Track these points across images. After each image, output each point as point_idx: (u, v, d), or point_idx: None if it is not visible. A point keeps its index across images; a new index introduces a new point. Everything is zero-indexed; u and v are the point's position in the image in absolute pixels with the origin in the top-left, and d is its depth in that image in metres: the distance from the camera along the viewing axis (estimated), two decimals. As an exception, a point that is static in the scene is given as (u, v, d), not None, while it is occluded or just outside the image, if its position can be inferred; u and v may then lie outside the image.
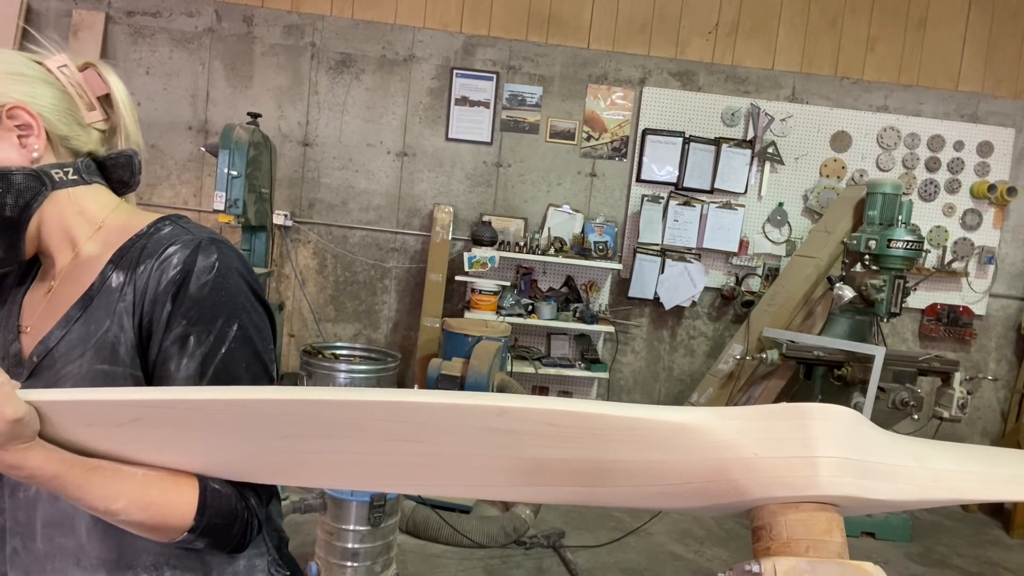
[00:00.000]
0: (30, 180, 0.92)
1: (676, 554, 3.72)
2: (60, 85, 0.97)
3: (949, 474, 0.76)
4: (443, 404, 0.76)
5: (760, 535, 0.74)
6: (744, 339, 4.67)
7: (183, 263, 0.90)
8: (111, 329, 0.90)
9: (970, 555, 4.09)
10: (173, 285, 0.89)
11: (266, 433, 0.82)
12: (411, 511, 3.54)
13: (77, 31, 4.59)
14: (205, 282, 0.90)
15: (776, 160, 5.04)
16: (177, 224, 0.97)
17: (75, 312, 0.93)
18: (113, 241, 0.96)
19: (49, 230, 0.96)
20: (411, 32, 4.91)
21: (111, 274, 0.93)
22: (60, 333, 0.92)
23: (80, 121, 0.98)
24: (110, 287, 0.92)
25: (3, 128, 0.91)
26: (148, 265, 0.91)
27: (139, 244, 0.94)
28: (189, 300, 0.89)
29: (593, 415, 0.74)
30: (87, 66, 1.01)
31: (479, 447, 0.77)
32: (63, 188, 0.95)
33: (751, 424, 0.73)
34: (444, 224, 4.75)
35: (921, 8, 5.08)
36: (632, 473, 0.75)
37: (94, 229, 0.97)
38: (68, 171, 0.96)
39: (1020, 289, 5.26)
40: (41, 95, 0.94)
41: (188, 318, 0.89)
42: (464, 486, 0.84)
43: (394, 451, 0.80)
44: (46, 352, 0.92)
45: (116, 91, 1.01)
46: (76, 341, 0.91)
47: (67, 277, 0.97)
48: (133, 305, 0.91)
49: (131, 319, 0.90)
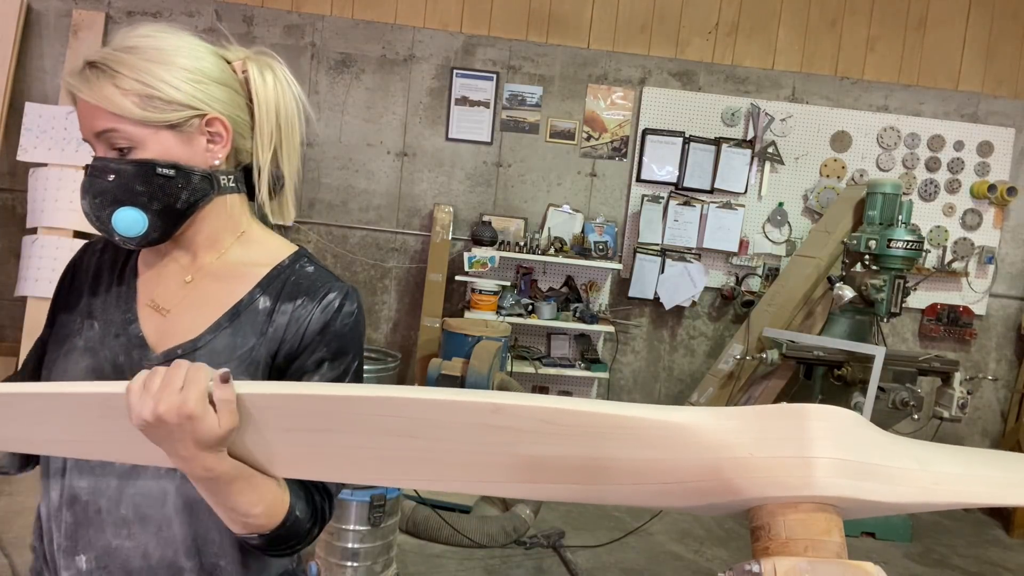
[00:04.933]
0: (205, 182, 1.01)
1: (676, 554, 3.72)
2: (244, 94, 1.04)
3: (951, 477, 0.76)
4: (438, 400, 0.77)
5: (759, 535, 0.74)
6: (744, 339, 4.67)
7: (339, 306, 1.03)
8: (257, 348, 1.00)
9: (970, 555, 4.09)
10: (328, 323, 1.03)
11: (265, 427, 0.83)
12: (411, 511, 3.54)
13: (77, 31, 4.59)
14: (347, 323, 1.04)
15: (776, 160, 5.04)
16: (315, 263, 1.08)
17: (224, 322, 1.01)
18: (256, 255, 1.06)
19: (200, 227, 1.04)
20: (411, 32, 4.91)
21: (259, 296, 1.03)
22: (209, 338, 1.00)
23: (250, 135, 1.06)
24: (257, 308, 1.02)
25: (199, 132, 1.00)
26: (307, 303, 1.02)
27: (287, 276, 1.05)
28: (332, 334, 1.03)
29: (588, 413, 0.75)
30: (245, 59, 1.06)
31: (475, 443, 0.78)
32: (225, 194, 1.04)
33: (747, 424, 0.73)
34: (444, 224, 4.75)
35: (921, 8, 5.08)
36: (628, 471, 0.76)
37: (237, 235, 1.07)
38: (231, 178, 1.05)
39: (1020, 289, 5.26)
40: (233, 107, 1.03)
41: (328, 347, 1.02)
42: (461, 481, 0.85)
43: (391, 446, 0.81)
44: (192, 351, 0.99)
45: (259, 95, 1.05)
46: (220, 349, 1.00)
47: (210, 275, 1.05)
48: (288, 332, 1.01)
49: (281, 344, 1.01)
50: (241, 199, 1.07)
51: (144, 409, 0.79)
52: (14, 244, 4.58)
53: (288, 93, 1.07)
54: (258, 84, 1.04)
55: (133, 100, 0.95)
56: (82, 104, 0.97)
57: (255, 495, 0.87)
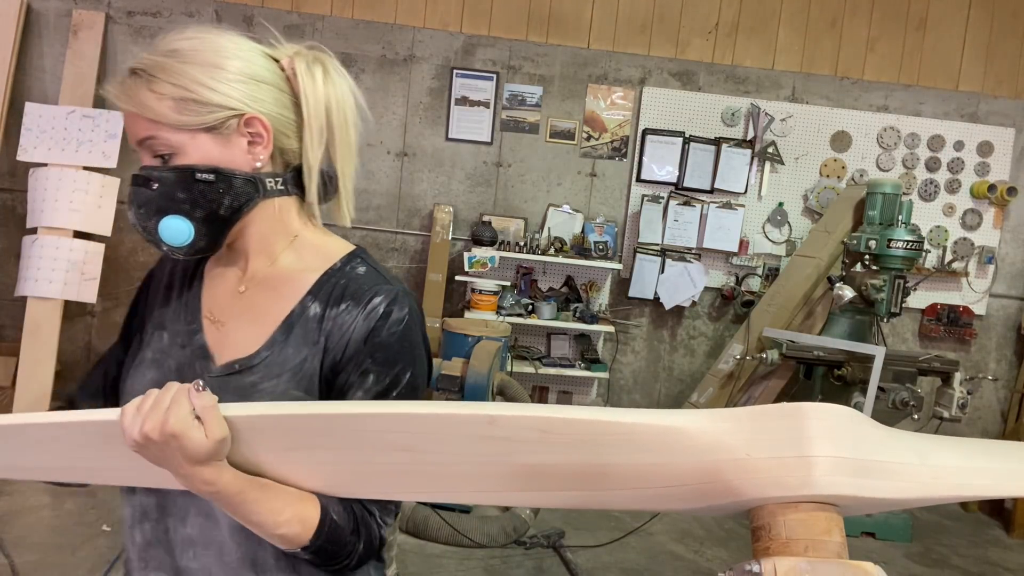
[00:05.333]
0: (248, 186, 0.97)
1: (676, 554, 3.72)
2: (291, 92, 1.00)
3: (952, 470, 0.76)
4: (435, 415, 0.78)
5: (759, 535, 0.74)
6: (744, 339, 4.67)
7: (383, 312, 0.97)
8: (309, 360, 0.96)
9: (970, 555, 4.09)
10: (372, 331, 0.96)
11: (268, 446, 0.84)
12: (411, 511, 3.54)
13: (77, 31, 4.59)
14: (395, 331, 0.97)
15: (776, 160, 5.04)
16: (368, 264, 1.03)
17: (280, 336, 0.97)
18: (308, 259, 1.02)
19: (250, 233, 1.01)
20: (411, 32, 4.91)
21: (310, 304, 0.98)
22: (266, 354, 0.97)
23: (298, 135, 1.01)
24: (308, 316, 0.98)
25: (238, 133, 0.96)
26: (351, 308, 0.97)
27: (337, 280, 1.00)
28: (379, 343, 0.96)
29: (584, 421, 0.75)
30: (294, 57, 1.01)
31: (473, 455, 0.78)
32: (272, 197, 1.00)
33: (744, 425, 0.73)
34: (444, 224, 4.75)
35: (921, 8, 5.08)
36: (626, 476, 0.76)
37: (289, 240, 1.03)
38: (278, 181, 1.00)
39: (1020, 289, 5.26)
40: (276, 106, 0.99)
41: (374, 358, 0.96)
42: (463, 492, 0.85)
43: (390, 460, 0.82)
44: (249, 367, 0.96)
45: (306, 92, 1.00)
46: (275, 361, 0.96)
47: (262, 283, 1.02)
48: (332, 340, 0.96)
49: (326, 354, 0.96)
50: (292, 202, 1.03)
51: (133, 430, 0.79)
52: (14, 244, 4.58)
53: (342, 89, 1.03)
54: (305, 81, 0.99)
55: (168, 105, 0.92)
56: (125, 114, 0.95)
57: (276, 503, 0.86)
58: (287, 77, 1.01)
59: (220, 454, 0.82)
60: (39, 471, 0.95)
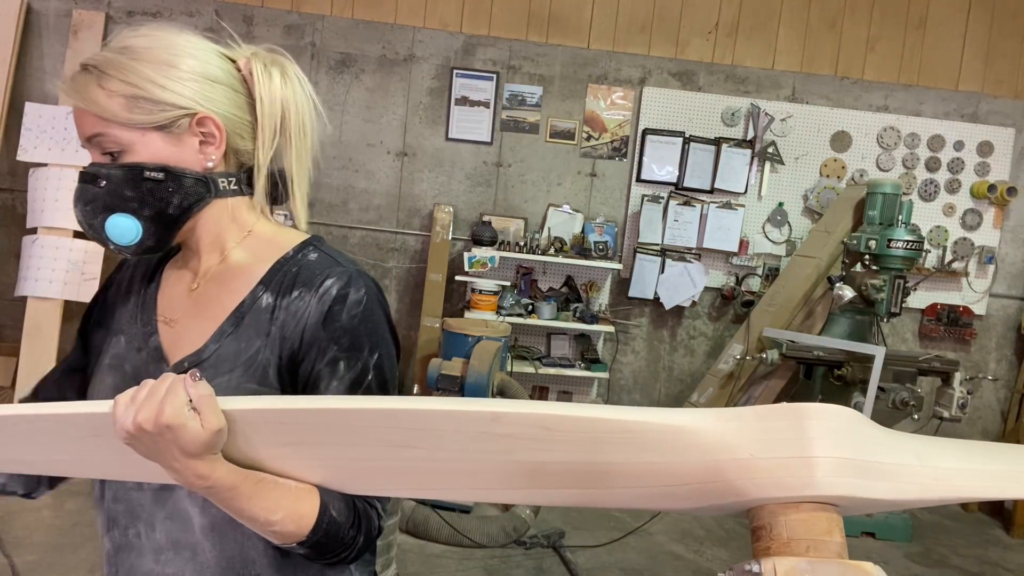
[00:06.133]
0: (199, 185, 0.96)
1: (676, 554, 3.72)
2: (246, 93, 0.99)
3: (951, 472, 0.76)
4: (438, 411, 0.77)
5: (760, 535, 0.73)
6: (744, 339, 4.67)
7: (338, 294, 0.94)
8: (262, 351, 0.94)
9: (970, 555, 4.09)
10: (328, 314, 0.94)
11: (265, 441, 0.83)
12: (411, 511, 3.54)
13: (77, 31, 4.59)
14: (355, 314, 0.94)
15: (776, 160, 5.04)
16: (321, 250, 1.01)
17: (228, 327, 0.96)
18: (260, 252, 1.00)
19: (202, 232, 0.99)
20: (411, 32, 4.91)
21: (262, 295, 0.97)
22: (214, 347, 0.95)
23: (253, 136, 1.00)
24: (260, 307, 0.96)
25: (189, 132, 0.95)
26: (304, 294, 0.95)
27: (288, 268, 0.98)
28: (341, 329, 0.94)
29: (587, 419, 0.74)
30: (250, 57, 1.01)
31: (476, 452, 0.78)
32: (225, 197, 0.99)
33: (747, 425, 0.73)
34: (444, 224, 4.75)
35: (921, 8, 5.08)
36: (628, 475, 0.76)
37: (243, 235, 1.01)
38: (232, 181, 1.00)
39: (1020, 289, 5.26)
40: (230, 106, 0.98)
41: (339, 345, 0.94)
42: (463, 490, 0.85)
43: (392, 456, 0.81)
44: (197, 363, 0.95)
45: (261, 93, 0.99)
46: (226, 356, 0.94)
47: (213, 279, 1.00)
48: (287, 328, 0.94)
49: (283, 343, 0.94)
50: (246, 201, 1.02)
51: (126, 421, 0.78)
52: (14, 244, 4.58)
53: (299, 92, 1.01)
54: (261, 81, 0.98)
55: (119, 102, 0.91)
56: (74, 109, 0.94)
57: (270, 501, 0.84)
58: (243, 78, 1.00)
59: (216, 447, 0.80)
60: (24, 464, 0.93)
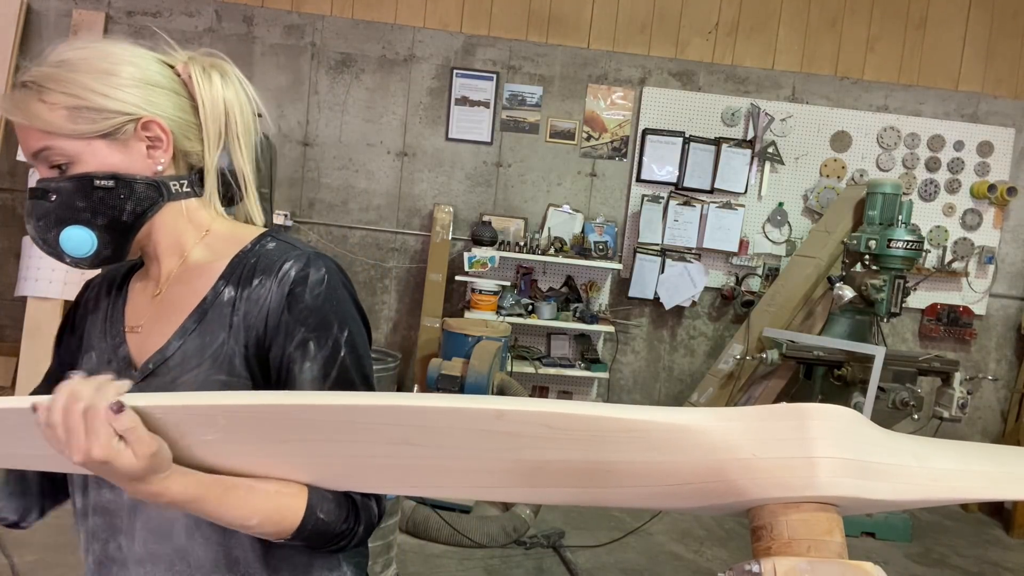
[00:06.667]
0: (150, 190, 0.96)
1: (676, 554, 3.72)
2: (189, 96, 1.00)
3: (949, 473, 0.76)
4: (443, 408, 0.76)
5: (761, 535, 0.73)
6: (744, 339, 4.67)
7: (298, 275, 0.94)
8: (227, 342, 0.94)
9: (970, 555, 4.09)
10: (291, 296, 0.94)
11: (265, 437, 0.82)
12: (411, 511, 3.54)
13: (77, 31, 4.59)
14: (318, 293, 0.94)
15: (776, 160, 5.04)
16: (279, 239, 1.01)
17: (191, 324, 0.96)
18: (220, 249, 1.00)
19: (159, 237, 1.00)
20: (411, 32, 4.91)
21: (223, 289, 0.97)
22: (177, 344, 0.95)
23: (200, 138, 1.00)
24: (222, 301, 0.96)
25: (135, 138, 0.95)
26: (265, 280, 0.95)
27: (247, 260, 0.98)
28: (306, 309, 0.94)
29: (591, 417, 0.74)
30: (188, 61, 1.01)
31: (479, 449, 0.78)
32: (178, 200, 0.99)
33: (750, 425, 0.73)
34: (444, 224, 4.75)
35: (921, 8, 5.08)
36: (631, 474, 0.75)
37: (201, 235, 1.01)
38: (183, 183, 1.00)
39: (1020, 289, 5.26)
40: (175, 109, 0.98)
41: (307, 325, 0.93)
42: (464, 487, 0.84)
43: (394, 454, 0.80)
44: (162, 361, 0.95)
45: (202, 95, 0.99)
46: (192, 352, 0.95)
47: (176, 282, 1.00)
48: (251, 317, 0.94)
49: (248, 332, 0.94)
50: (200, 202, 1.02)
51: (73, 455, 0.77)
52: (14, 244, 4.57)
53: (240, 93, 1.02)
54: (202, 84, 0.99)
55: (61, 114, 0.91)
56: (18, 127, 0.93)
57: (243, 508, 0.83)
58: (183, 82, 1.00)
59: (158, 468, 0.79)
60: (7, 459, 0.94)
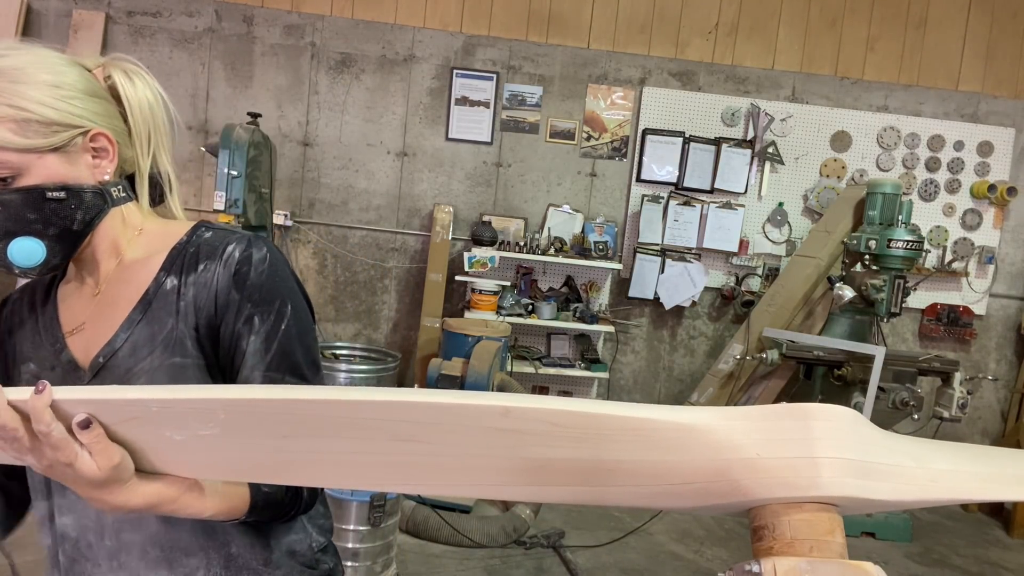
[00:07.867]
0: (97, 198, 0.99)
1: (676, 554, 3.72)
2: (114, 101, 1.01)
3: (947, 474, 0.76)
4: (447, 404, 0.76)
5: (762, 535, 0.73)
6: (744, 339, 4.67)
7: (242, 256, 0.98)
8: (176, 327, 0.97)
9: (970, 555, 4.09)
10: (237, 275, 0.98)
11: (266, 432, 0.82)
12: (411, 511, 3.54)
13: (77, 31, 4.59)
14: (262, 270, 0.98)
15: (776, 160, 5.04)
16: (214, 228, 1.04)
17: (136, 315, 0.98)
18: (155, 245, 1.03)
19: (99, 241, 1.02)
20: (411, 32, 4.91)
21: (164, 279, 0.99)
22: (125, 335, 0.98)
23: (131, 143, 1.03)
24: (166, 290, 0.99)
25: (82, 148, 0.97)
26: (210, 264, 0.98)
27: (186, 251, 1.01)
28: (252, 286, 0.98)
29: (597, 415, 0.74)
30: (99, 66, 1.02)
31: (482, 447, 0.77)
32: (119, 205, 1.02)
33: (754, 424, 0.73)
34: (444, 224, 4.75)
35: (921, 8, 5.09)
36: (634, 473, 0.75)
37: (135, 235, 1.04)
38: (121, 188, 1.02)
39: (1020, 289, 5.26)
40: (110, 118, 1.00)
41: (252, 301, 0.98)
42: (466, 485, 0.84)
43: (396, 451, 0.80)
44: (112, 353, 0.97)
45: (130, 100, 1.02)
46: (142, 341, 0.97)
47: (114, 280, 1.02)
48: (200, 299, 0.98)
49: (198, 313, 0.98)
50: (135, 205, 1.05)
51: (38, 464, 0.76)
52: (14, 244, 4.57)
53: (156, 94, 1.04)
54: (128, 90, 1.01)
55: (9, 127, 0.90)
56: None
57: (198, 505, 0.84)
58: (107, 87, 1.01)
59: (119, 479, 0.77)
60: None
